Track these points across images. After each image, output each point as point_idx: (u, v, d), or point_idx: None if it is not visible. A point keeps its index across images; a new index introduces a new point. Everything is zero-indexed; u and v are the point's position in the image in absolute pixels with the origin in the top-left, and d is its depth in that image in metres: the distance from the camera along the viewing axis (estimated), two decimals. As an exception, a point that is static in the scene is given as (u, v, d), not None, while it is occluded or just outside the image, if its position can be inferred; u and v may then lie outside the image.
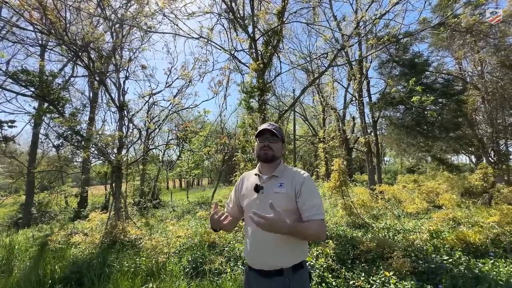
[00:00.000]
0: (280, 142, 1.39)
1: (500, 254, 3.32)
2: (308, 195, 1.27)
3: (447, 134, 9.56)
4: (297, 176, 1.33)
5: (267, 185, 1.33)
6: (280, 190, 1.30)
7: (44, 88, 4.07)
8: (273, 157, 1.35)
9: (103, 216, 6.61)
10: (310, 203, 1.25)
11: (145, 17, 5.11)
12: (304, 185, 1.28)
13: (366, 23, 6.88)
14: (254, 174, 1.44)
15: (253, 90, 6.36)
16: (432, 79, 10.33)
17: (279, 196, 1.28)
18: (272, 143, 1.35)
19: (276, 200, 1.24)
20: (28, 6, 3.92)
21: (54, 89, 4.30)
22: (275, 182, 1.33)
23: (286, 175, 1.35)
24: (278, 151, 1.37)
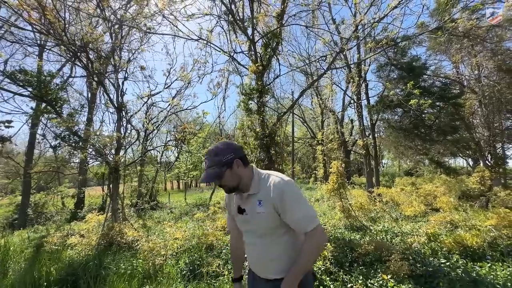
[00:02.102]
0: (226, 172, 1.18)
1: (497, 258, 3.32)
2: (290, 209, 1.14)
3: (445, 137, 9.62)
4: (272, 190, 1.18)
5: (248, 206, 1.25)
6: (261, 210, 1.20)
7: (42, 88, 4.04)
8: (233, 187, 1.23)
9: (100, 218, 6.56)
10: (294, 217, 1.15)
11: (144, 18, 5.11)
12: (282, 199, 1.15)
13: (365, 26, 6.93)
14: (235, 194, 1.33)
15: (252, 92, 6.37)
16: (429, 83, 10.42)
17: (261, 216, 1.20)
18: (220, 182, 1.22)
19: (260, 220, 1.21)
20: (27, 6, 3.91)
21: (52, 89, 4.27)
22: (255, 200, 1.22)
23: (262, 188, 1.22)
24: (233, 179, 1.21)
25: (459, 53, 9.69)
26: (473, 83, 9.82)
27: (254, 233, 1.27)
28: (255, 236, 1.27)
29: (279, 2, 6.73)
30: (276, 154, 6.24)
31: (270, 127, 6.26)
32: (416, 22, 5.81)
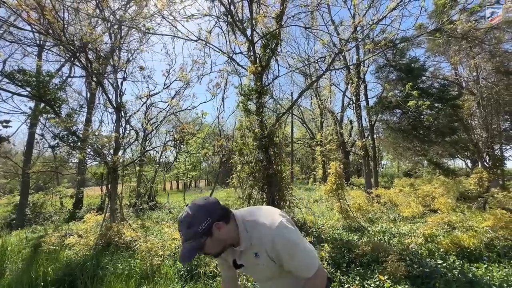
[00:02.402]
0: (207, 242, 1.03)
1: (494, 259, 3.34)
2: (287, 260, 1.10)
3: (443, 139, 9.65)
4: (264, 242, 1.10)
5: (245, 260, 1.18)
6: (259, 262, 1.14)
7: (40, 88, 4.05)
8: (220, 252, 1.12)
9: (98, 218, 6.54)
10: (293, 266, 1.11)
11: (144, 19, 5.12)
12: (276, 250, 1.08)
13: (364, 27, 6.96)
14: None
15: (251, 92, 6.38)
16: (428, 84, 10.45)
17: (261, 268, 1.16)
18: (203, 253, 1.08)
19: (260, 272, 1.19)
20: (26, 6, 3.92)
21: (51, 89, 4.27)
22: (251, 254, 1.15)
23: (254, 239, 1.13)
24: (215, 246, 1.07)
25: (457, 55, 9.73)
26: (472, 84, 9.86)
27: (260, 280, 1.27)
28: (264, 281, 1.26)
29: (278, 3, 6.76)
30: (275, 155, 6.25)
31: (269, 128, 6.27)
32: (414, 24, 5.84)
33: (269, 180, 5.99)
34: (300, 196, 10.49)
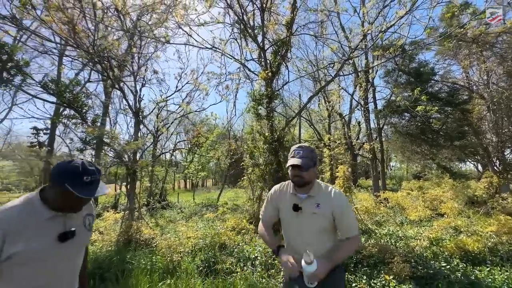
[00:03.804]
0: (311, 169, 1.42)
1: (497, 263, 3.48)
2: (344, 215, 1.42)
3: (452, 143, 9.65)
4: (332, 196, 1.45)
5: (305, 206, 1.44)
6: (317, 211, 1.42)
7: (70, 96, 4.41)
8: (305, 183, 1.44)
9: (117, 216, 6.94)
10: (346, 223, 1.43)
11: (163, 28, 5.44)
12: (340, 205, 1.42)
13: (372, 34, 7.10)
14: (290, 193, 1.52)
15: (261, 98, 6.62)
16: (437, 88, 10.46)
17: (316, 216, 1.42)
18: (302, 172, 1.41)
19: (314, 220, 1.43)
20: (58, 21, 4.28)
21: (79, 96, 4.64)
22: (312, 202, 1.44)
23: (321, 194, 1.46)
24: (310, 177, 1.44)
25: (468, 59, 9.71)
26: (482, 88, 9.82)
27: (307, 231, 1.45)
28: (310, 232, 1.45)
29: (289, 10, 6.98)
30: (285, 158, 6.47)
31: (279, 132, 6.50)
32: (423, 31, 5.95)
33: (278, 183, 6.22)
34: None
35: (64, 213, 1.09)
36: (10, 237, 0.97)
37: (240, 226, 5.39)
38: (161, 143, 14.24)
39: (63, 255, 1.10)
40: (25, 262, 1.00)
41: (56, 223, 1.08)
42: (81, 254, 1.24)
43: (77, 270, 1.22)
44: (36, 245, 1.00)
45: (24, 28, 4.15)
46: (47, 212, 1.05)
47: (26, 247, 0.98)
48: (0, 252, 0.96)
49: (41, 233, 1.03)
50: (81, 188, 1.01)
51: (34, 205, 1.05)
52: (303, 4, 7.07)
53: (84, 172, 1.03)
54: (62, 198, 1.04)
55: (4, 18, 4.01)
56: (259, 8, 6.42)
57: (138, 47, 6.14)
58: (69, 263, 1.15)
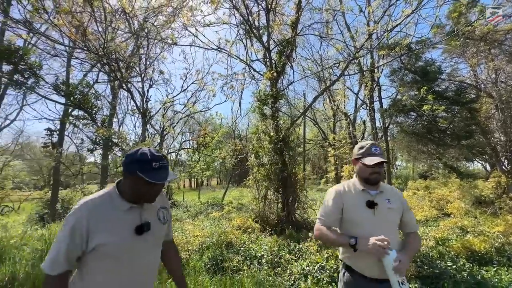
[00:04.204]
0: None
1: (504, 263, 3.48)
2: (408, 209, 1.50)
3: (459, 142, 9.54)
4: (396, 191, 1.54)
5: (379, 202, 1.42)
6: (391, 206, 1.44)
7: (81, 98, 4.53)
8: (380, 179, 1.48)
9: (125, 214, 7.07)
10: (411, 217, 1.49)
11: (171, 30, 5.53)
12: (404, 200, 1.51)
13: (378, 33, 7.07)
14: (360, 190, 1.48)
15: (266, 98, 6.66)
16: (444, 87, 10.34)
17: (392, 212, 1.44)
18: (381, 169, 1.45)
19: (391, 215, 1.44)
20: (69, 25, 4.40)
21: (88, 98, 4.75)
22: (384, 198, 1.45)
23: (387, 190, 1.51)
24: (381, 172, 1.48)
25: (475, 57, 9.58)
26: (490, 87, 9.68)
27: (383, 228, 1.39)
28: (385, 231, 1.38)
29: (294, 10, 6.99)
30: (290, 158, 6.50)
31: (284, 132, 6.53)
32: (429, 30, 5.90)
33: (284, 182, 6.25)
34: (313, 197, 10.70)
35: (139, 205, 1.12)
36: (92, 229, 1.01)
37: (246, 225, 5.46)
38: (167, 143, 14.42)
39: (141, 248, 1.10)
40: (107, 255, 1.03)
41: (132, 215, 1.10)
42: (158, 248, 1.23)
43: (155, 265, 1.21)
44: (116, 238, 1.03)
45: (37, 32, 4.27)
46: (124, 204, 1.08)
47: (107, 239, 1.02)
48: (86, 243, 1.01)
49: (120, 226, 1.06)
50: (151, 174, 1.02)
51: (112, 198, 1.09)
52: (308, 4, 7.06)
53: (152, 159, 1.04)
54: (136, 187, 1.06)
55: (18, 22, 4.13)
56: (264, 9, 6.45)
57: (145, 48, 6.24)
58: (147, 256, 1.14)
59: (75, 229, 0.99)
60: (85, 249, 1.01)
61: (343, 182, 1.62)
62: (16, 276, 3.38)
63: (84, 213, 1.01)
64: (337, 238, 1.44)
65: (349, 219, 1.47)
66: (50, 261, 1.01)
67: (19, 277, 3.35)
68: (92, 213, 1.03)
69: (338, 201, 1.50)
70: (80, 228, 0.99)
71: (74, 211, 1.03)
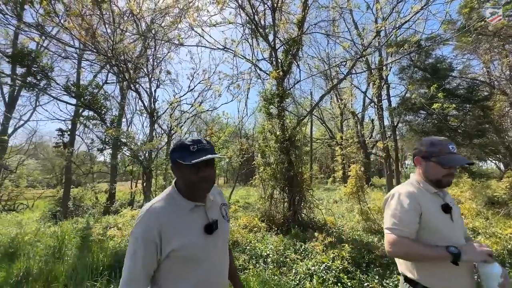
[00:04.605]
0: None
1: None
2: None
3: (471, 141, 9.29)
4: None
5: (452, 205, 1.30)
6: (457, 210, 1.32)
7: (90, 98, 4.64)
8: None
9: (134, 213, 7.22)
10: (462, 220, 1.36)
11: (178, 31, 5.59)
12: None
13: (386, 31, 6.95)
14: (433, 192, 1.29)
15: (272, 97, 6.65)
16: (455, 84, 10.07)
17: (460, 216, 1.31)
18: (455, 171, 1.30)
19: (461, 220, 1.31)
20: (79, 27, 4.50)
21: (98, 98, 4.86)
22: (451, 201, 1.33)
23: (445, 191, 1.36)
24: None
25: (488, 53, 9.30)
26: (504, 84, 9.38)
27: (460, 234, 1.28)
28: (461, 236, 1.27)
29: (300, 8, 6.95)
30: (296, 157, 6.48)
31: (290, 131, 6.52)
32: (439, 27, 5.77)
33: (290, 181, 6.24)
34: (320, 197, 10.63)
35: (203, 203, 1.08)
36: (164, 235, 0.95)
37: (252, 224, 5.48)
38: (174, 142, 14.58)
39: (213, 247, 1.06)
40: (180, 259, 0.98)
41: (198, 214, 1.06)
42: (227, 246, 1.20)
43: (227, 264, 1.17)
44: (188, 240, 0.99)
45: (48, 35, 4.40)
46: (188, 204, 1.05)
47: (180, 243, 0.97)
48: (161, 251, 0.95)
49: (189, 227, 1.02)
50: (190, 157, 0.97)
51: (174, 198, 1.05)
52: (314, 2, 7.01)
53: (190, 143, 1.01)
54: (184, 177, 1.02)
55: (30, 26, 4.26)
56: (270, 8, 6.44)
57: (152, 49, 6.33)
58: (220, 255, 1.11)
59: (147, 239, 0.93)
60: (160, 257, 0.96)
61: (406, 184, 1.38)
62: (30, 271, 3.51)
63: (152, 220, 0.96)
64: (430, 250, 1.16)
65: (428, 227, 1.24)
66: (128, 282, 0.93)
67: (33, 272, 3.47)
68: (160, 218, 0.98)
69: (417, 206, 1.24)
70: (152, 237, 0.94)
71: (140, 221, 0.97)
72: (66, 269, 3.52)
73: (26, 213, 12.40)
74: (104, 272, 3.54)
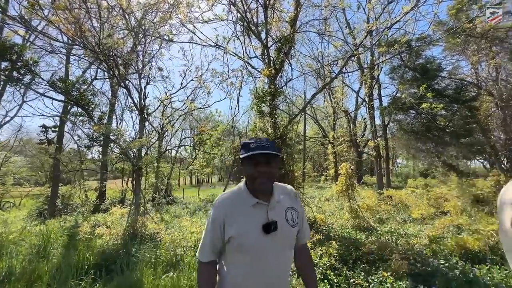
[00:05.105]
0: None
1: (497, 261, 3.48)
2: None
3: (458, 141, 9.51)
4: None
5: None
6: None
7: (77, 94, 4.54)
8: None
9: (123, 211, 7.13)
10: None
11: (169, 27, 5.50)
12: None
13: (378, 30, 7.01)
14: None
15: (264, 95, 6.64)
16: (444, 85, 10.27)
17: None
18: None
19: None
20: (65, 21, 4.39)
21: (85, 94, 4.76)
22: None
23: None
24: None
25: (476, 55, 9.50)
26: (491, 85, 9.60)
27: None
28: None
29: (292, 7, 6.94)
30: (288, 155, 6.51)
31: (282, 129, 6.53)
32: (428, 28, 5.85)
33: (281, 179, 6.27)
34: (312, 194, 10.72)
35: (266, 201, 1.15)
36: (228, 220, 1.11)
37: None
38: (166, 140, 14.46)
39: (269, 247, 1.10)
40: (237, 249, 1.10)
41: (259, 211, 1.13)
42: (289, 251, 1.20)
43: (286, 267, 1.20)
44: (243, 231, 1.09)
45: (32, 29, 4.27)
46: (251, 200, 1.14)
47: (237, 232, 1.08)
48: (223, 232, 1.11)
49: (248, 221, 1.11)
50: (249, 152, 1.10)
51: (241, 193, 1.18)
52: (307, 0, 7.00)
53: (251, 141, 1.14)
54: (245, 170, 1.15)
55: (14, 19, 4.13)
56: (263, 5, 6.41)
57: (143, 45, 6.22)
58: (277, 257, 1.13)
59: (215, 221, 1.12)
60: (224, 239, 1.11)
61: None
62: (13, 271, 3.42)
63: (220, 207, 1.15)
64: None
65: None
66: (200, 250, 1.17)
67: (16, 272, 3.39)
68: (227, 207, 1.14)
69: None
70: (219, 220, 1.12)
71: (214, 206, 1.17)
72: (50, 268, 3.45)
73: (12, 211, 12.09)
74: (90, 271, 3.49)
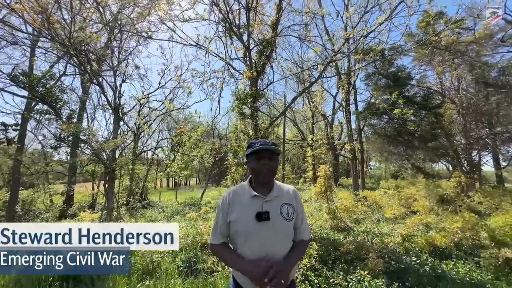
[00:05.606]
0: None
1: (461, 256, 3.76)
2: None
3: (425, 144, 10.23)
4: None
5: None
6: None
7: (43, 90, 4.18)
8: None
9: (94, 216, 6.67)
10: None
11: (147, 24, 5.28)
12: None
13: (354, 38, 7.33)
14: None
15: (246, 97, 6.62)
16: (413, 92, 11.01)
17: None
18: None
19: None
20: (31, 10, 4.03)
21: (52, 91, 4.40)
22: None
23: None
24: None
25: (441, 65, 10.31)
26: (453, 94, 10.47)
27: None
28: None
29: (274, 11, 7.03)
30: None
31: (263, 131, 6.54)
32: (400, 38, 6.24)
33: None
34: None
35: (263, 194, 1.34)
36: (231, 208, 1.34)
37: (222, 225, 5.37)
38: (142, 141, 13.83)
39: (261, 235, 1.27)
40: (236, 232, 1.30)
41: (256, 202, 1.33)
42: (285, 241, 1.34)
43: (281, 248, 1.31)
44: (240, 218, 1.30)
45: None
46: (251, 192, 1.35)
47: (235, 217, 1.31)
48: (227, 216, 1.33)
49: (245, 209, 1.31)
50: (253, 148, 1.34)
51: (244, 186, 1.42)
52: (288, 6, 7.13)
53: (255, 142, 1.38)
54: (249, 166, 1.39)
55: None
56: (245, 7, 6.41)
57: (119, 41, 5.91)
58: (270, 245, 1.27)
59: (222, 208, 1.37)
60: (229, 222, 1.32)
61: None
62: (-39, 286, 3.03)
63: (227, 197, 1.38)
64: None
65: None
66: (212, 234, 1.41)
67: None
68: (232, 197, 1.38)
69: None
70: (224, 206, 1.36)
71: (223, 195, 1.42)
72: (7, 282, 3.10)
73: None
74: (54, 283, 3.20)
